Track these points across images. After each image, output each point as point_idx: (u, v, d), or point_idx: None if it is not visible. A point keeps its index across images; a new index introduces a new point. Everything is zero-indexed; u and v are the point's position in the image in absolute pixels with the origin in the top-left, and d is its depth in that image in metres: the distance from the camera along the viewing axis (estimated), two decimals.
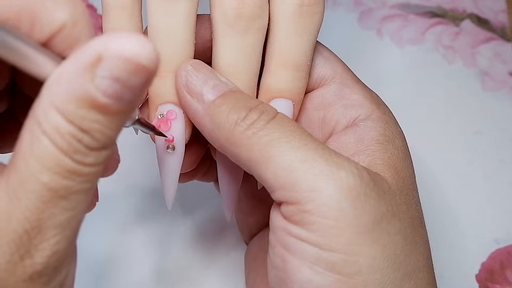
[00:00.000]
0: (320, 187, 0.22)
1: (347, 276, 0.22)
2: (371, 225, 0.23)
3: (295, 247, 0.23)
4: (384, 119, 0.27)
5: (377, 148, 0.26)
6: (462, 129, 0.40)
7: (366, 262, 0.22)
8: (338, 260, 0.22)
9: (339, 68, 0.28)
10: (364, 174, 0.23)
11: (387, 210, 0.23)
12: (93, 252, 0.34)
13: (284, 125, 0.24)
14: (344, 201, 0.22)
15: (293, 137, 0.23)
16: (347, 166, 0.23)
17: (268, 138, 0.23)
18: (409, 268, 0.24)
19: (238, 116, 0.24)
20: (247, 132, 0.23)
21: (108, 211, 0.35)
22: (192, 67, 0.25)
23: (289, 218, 0.23)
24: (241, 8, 0.25)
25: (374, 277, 0.23)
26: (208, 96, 0.25)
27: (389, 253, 0.23)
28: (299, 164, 0.23)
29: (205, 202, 0.36)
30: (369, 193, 0.23)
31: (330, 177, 0.23)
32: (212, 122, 0.24)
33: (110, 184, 0.36)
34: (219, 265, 0.35)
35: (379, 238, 0.23)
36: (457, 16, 0.44)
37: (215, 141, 0.25)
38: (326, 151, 0.23)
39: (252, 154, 0.23)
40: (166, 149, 0.26)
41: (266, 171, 0.23)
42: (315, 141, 0.24)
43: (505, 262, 0.36)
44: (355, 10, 0.44)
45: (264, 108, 0.24)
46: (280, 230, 0.24)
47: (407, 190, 0.25)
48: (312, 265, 0.23)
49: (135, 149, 0.37)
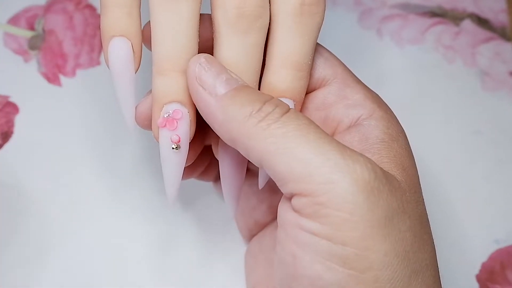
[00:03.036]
0: (335, 180, 0.22)
1: (359, 271, 0.22)
2: (384, 220, 0.23)
3: (306, 241, 0.23)
4: (386, 118, 0.27)
5: (383, 147, 0.26)
6: (461, 129, 0.40)
7: (378, 257, 0.22)
8: (350, 254, 0.22)
9: (339, 69, 0.28)
10: (378, 170, 0.23)
11: (398, 207, 0.23)
12: (93, 252, 0.34)
13: (299, 118, 0.24)
14: (359, 194, 0.22)
15: (308, 131, 0.23)
16: (361, 160, 0.23)
17: (283, 130, 0.23)
18: (417, 265, 0.24)
19: (253, 108, 0.24)
20: (261, 124, 0.23)
21: (107, 210, 0.35)
22: (206, 60, 0.25)
23: (301, 211, 0.23)
24: (243, 8, 0.25)
25: (384, 273, 0.23)
26: (220, 89, 0.25)
27: (399, 250, 0.23)
28: (315, 157, 0.23)
29: (205, 203, 0.36)
30: (382, 189, 0.23)
31: (346, 170, 0.23)
32: (224, 114, 0.24)
33: (110, 183, 0.36)
34: (219, 266, 0.34)
35: (390, 234, 0.23)
36: (457, 16, 0.44)
37: (226, 134, 0.25)
38: (340, 145, 0.23)
39: (266, 146, 0.23)
40: (171, 148, 0.26)
41: (280, 163, 0.23)
42: (328, 135, 0.24)
43: (506, 262, 0.36)
44: (355, 10, 0.44)
45: (277, 102, 0.24)
46: (290, 225, 0.24)
47: (415, 187, 0.25)
48: (324, 260, 0.23)
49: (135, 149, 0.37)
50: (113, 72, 0.26)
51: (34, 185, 0.36)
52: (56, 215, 0.35)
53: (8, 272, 0.33)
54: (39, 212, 0.35)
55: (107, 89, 0.37)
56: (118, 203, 0.36)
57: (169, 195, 0.28)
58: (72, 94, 0.39)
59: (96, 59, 0.40)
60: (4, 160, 0.36)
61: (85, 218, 0.35)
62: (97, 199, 0.36)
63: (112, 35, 0.26)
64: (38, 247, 0.34)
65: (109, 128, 0.38)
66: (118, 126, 0.38)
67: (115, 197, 0.36)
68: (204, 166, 0.31)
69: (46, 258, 0.34)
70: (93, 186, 0.36)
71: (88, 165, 0.37)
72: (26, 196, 0.35)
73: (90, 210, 0.35)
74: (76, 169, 0.36)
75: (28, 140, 0.37)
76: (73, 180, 0.36)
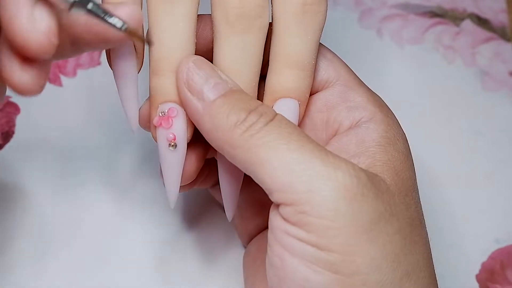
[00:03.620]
0: (316, 188, 0.23)
1: (346, 275, 0.23)
2: (369, 225, 0.23)
3: (293, 247, 0.23)
4: (386, 121, 0.27)
5: (378, 150, 0.26)
6: (462, 129, 0.40)
7: (364, 261, 0.23)
8: (336, 259, 0.22)
9: (342, 71, 0.28)
10: (361, 175, 0.23)
11: (385, 210, 0.23)
12: (93, 252, 0.34)
13: (281, 127, 0.24)
14: (340, 201, 0.22)
15: (290, 139, 0.23)
16: (344, 167, 0.23)
17: (265, 139, 0.23)
18: (409, 267, 0.24)
19: (238, 118, 0.24)
20: (245, 134, 0.24)
21: (107, 211, 0.35)
22: (194, 64, 0.25)
23: (287, 219, 0.23)
24: (242, 7, 0.25)
25: (373, 276, 0.23)
26: (208, 95, 0.25)
27: (388, 253, 0.23)
28: (295, 166, 0.23)
29: (204, 205, 0.36)
30: (367, 194, 0.23)
31: (327, 178, 0.23)
32: (211, 122, 0.24)
33: (110, 183, 0.36)
34: (217, 267, 0.34)
35: (377, 238, 0.23)
36: (457, 16, 0.44)
37: (214, 141, 0.25)
38: (323, 152, 0.23)
39: (250, 156, 0.23)
40: (168, 147, 0.26)
41: (264, 173, 0.23)
42: (312, 142, 0.24)
43: (506, 262, 0.36)
44: (355, 10, 0.44)
45: (263, 110, 0.24)
46: (278, 230, 0.24)
47: (407, 191, 0.25)
48: (311, 264, 0.23)
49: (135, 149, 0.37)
50: (116, 73, 0.26)
51: (34, 185, 0.36)
52: (56, 215, 0.35)
53: (8, 272, 0.33)
54: (39, 212, 0.35)
55: (108, 89, 0.37)
56: (118, 204, 0.36)
57: (169, 196, 0.28)
58: (73, 94, 0.39)
59: (96, 59, 0.40)
60: (4, 160, 0.36)
61: (85, 218, 0.35)
62: (97, 199, 0.36)
63: None
64: (38, 247, 0.34)
65: (109, 128, 0.38)
66: (119, 126, 0.38)
67: (115, 197, 0.36)
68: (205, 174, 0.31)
69: (46, 258, 0.34)
70: (93, 186, 0.36)
71: (89, 165, 0.37)
72: (26, 196, 0.35)
73: (90, 210, 0.35)
74: (76, 169, 0.36)
75: (29, 140, 0.37)
76: (73, 180, 0.36)
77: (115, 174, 0.37)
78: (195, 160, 0.28)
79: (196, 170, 0.28)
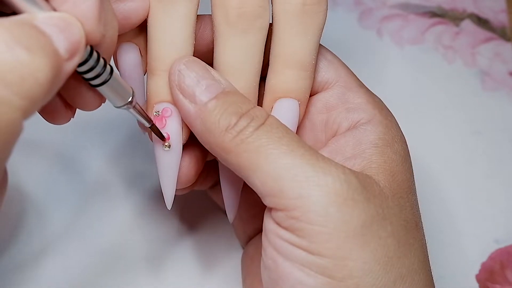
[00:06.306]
0: (306, 194, 0.22)
1: (338, 279, 0.23)
2: (360, 229, 0.23)
3: (286, 250, 0.23)
4: (385, 123, 0.27)
5: (374, 152, 0.26)
6: (461, 129, 0.40)
7: (357, 265, 0.23)
8: (328, 264, 0.23)
9: (342, 72, 0.28)
10: (352, 179, 0.23)
11: (377, 214, 0.23)
12: (92, 252, 0.34)
13: (272, 131, 0.24)
14: (330, 206, 0.22)
15: (280, 144, 0.23)
16: (334, 172, 0.23)
17: (255, 144, 0.23)
18: (403, 270, 0.24)
19: (229, 122, 0.24)
20: (236, 139, 0.23)
21: (107, 212, 0.35)
22: (185, 66, 0.25)
23: (279, 223, 0.23)
24: (242, 8, 0.25)
25: (365, 280, 0.23)
26: (200, 98, 0.24)
27: (380, 256, 0.23)
28: (285, 172, 0.23)
29: (203, 206, 0.36)
30: (357, 198, 0.23)
31: (316, 183, 0.23)
32: (202, 126, 0.24)
33: (110, 184, 0.36)
34: (216, 268, 0.34)
35: (369, 242, 0.23)
36: (457, 16, 0.44)
37: (207, 145, 0.25)
38: (314, 157, 0.23)
39: (241, 161, 0.23)
40: (162, 148, 0.26)
41: (255, 178, 0.23)
42: (303, 146, 0.24)
43: (505, 262, 0.36)
44: (355, 10, 0.44)
45: (254, 114, 0.24)
46: (271, 234, 0.24)
47: (402, 193, 0.25)
48: (303, 267, 0.23)
49: (136, 149, 0.37)
50: (123, 75, 0.27)
51: (34, 185, 0.36)
52: (56, 215, 0.35)
53: (8, 272, 0.33)
54: (39, 212, 0.35)
55: None
56: (118, 204, 0.36)
57: (165, 197, 0.28)
58: None
59: None
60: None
61: (85, 219, 0.35)
62: (97, 199, 0.36)
63: (121, 42, 0.26)
64: (38, 247, 0.34)
65: (109, 128, 0.38)
66: (119, 126, 0.38)
67: (115, 197, 0.36)
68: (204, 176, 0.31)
69: (46, 258, 0.34)
70: (93, 186, 0.36)
71: (89, 165, 0.37)
72: (26, 196, 0.35)
73: (90, 210, 0.35)
74: (76, 170, 0.36)
75: (29, 140, 0.37)
76: (73, 180, 0.36)
77: (115, 174, 0.37)
78: (195, 162, 0.28)
79: (196, 172, 0.28)
